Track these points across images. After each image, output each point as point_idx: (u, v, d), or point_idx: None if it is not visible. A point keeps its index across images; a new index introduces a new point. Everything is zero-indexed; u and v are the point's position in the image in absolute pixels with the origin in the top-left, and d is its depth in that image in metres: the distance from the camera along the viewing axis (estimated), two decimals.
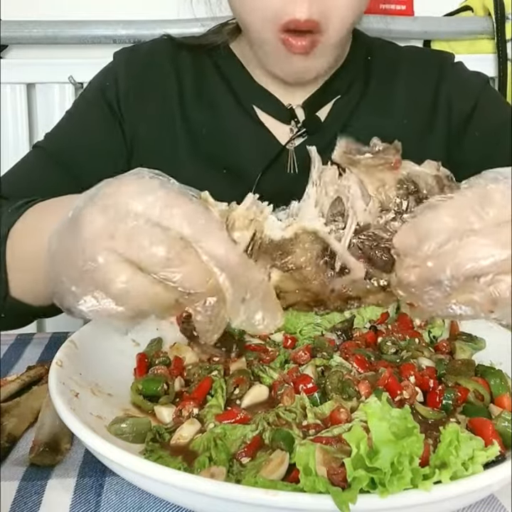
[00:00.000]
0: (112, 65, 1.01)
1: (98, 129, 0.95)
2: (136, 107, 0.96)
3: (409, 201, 0.47)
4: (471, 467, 0.43)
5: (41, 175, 0.91)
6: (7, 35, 1.47)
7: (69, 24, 1.48)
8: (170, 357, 0.67)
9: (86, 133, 0.94)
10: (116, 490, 0.52)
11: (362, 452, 0.42)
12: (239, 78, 0.97)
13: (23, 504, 0.50)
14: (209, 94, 0.97)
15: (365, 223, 0.48)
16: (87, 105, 0.99)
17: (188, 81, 0.97)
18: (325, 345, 0.68)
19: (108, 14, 1.49)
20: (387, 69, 0.99)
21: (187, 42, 1.00)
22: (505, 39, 1.50)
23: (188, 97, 0.96)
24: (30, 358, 0.77)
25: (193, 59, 0.99)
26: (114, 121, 0.95)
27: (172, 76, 0.97)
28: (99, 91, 0.97)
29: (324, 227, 0.48)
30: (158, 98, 0.96)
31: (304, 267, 0.48)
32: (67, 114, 1.01)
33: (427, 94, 0.97)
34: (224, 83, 0.97)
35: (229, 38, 0.99)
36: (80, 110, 0.99)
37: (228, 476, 0.48)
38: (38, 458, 0.55)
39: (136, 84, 0.97)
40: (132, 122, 0.95)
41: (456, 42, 1.54)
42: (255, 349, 0.69)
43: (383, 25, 1.30)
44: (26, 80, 1.51)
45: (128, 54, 1.01)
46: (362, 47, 0.98)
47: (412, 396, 0.58)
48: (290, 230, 0.48)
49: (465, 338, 0.71)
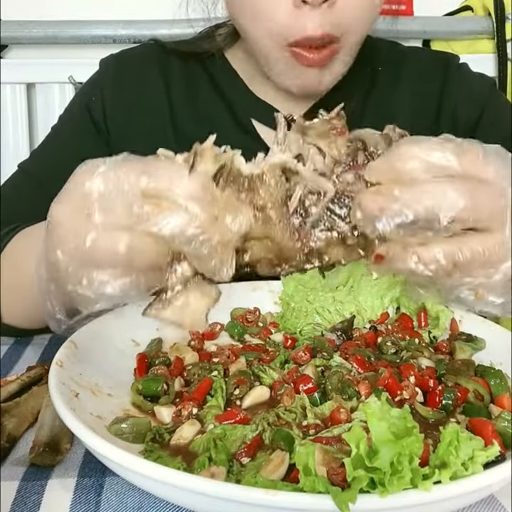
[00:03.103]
0: (98, 76, 0.97)
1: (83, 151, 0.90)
2: (124, 122, 0.92)
3: (358, 155, 0.51)
4: (471, 467, 0.43)
5: (26, 200, 0.89)
6: (7, 35, 1.47)
7: (69, 24, 1.48)
8: (170, 357, 0.67)
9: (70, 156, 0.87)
10: (116, 490, 0.52)
11: (362, 452, 0.42)
12: (235, 89, 0.93)
13: (23, 504, 0.50)
14: (202, 106, 0.93)
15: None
16: (72, 124, 0.95)
17: (178, 91, 0.93)
18: (325, 345, 0.68)
19: (108, 14, 1.49)
20: (390, 75, 0.96)
21: (178, 49, 0.96)
22: (505, 39, 1.50)
23: (180, 109, 0.93)
24: (30, 358, 0.77)
25: (184, 66, 0.95)
26: (100, 140, 0.92)
27: (161, 87, 0.93)
28: (84, 108, 0.94)
29: (292, 159, 0.51)
30: (148, 111, 0.93)
31: (268, 208, 0.51)
32: (52, 132, 0.98)
33: (432, 101, 0.95)
34: (218, 95, 0.93)
35: (224, 46, 0.94)
36: (65, 129, 0.96)
37: (228, 476, 0.48)
38: (38, 458, 0.55)
39: (124, 98, 0.93)
40: (120, 140, 0.92)
41: (456, 42, 1.54)
42: (255, 349, 0.69)
43: (384, 26, 1.30)
44: (26, 79, 1.51)
45: (115, 64, 0.97)
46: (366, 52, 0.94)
47: (412, 396, 0.58)
48: (258, 166, 0.51)
49: (465, 338, 0.71)
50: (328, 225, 0.51)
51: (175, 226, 0.48)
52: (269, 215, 0.51)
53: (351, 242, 0.51)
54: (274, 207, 0.51)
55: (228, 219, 0.50)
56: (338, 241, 0.51)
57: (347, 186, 0.51)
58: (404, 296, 0.77)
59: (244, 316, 0.77)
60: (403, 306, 0.77)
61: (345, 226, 0.51)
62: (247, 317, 0.77)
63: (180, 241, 0.49)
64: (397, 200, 0.47)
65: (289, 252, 0.52)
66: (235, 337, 0.76)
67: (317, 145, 0.52)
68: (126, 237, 0.49)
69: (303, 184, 0.51)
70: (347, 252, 0.52)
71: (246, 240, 0.52)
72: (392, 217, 0.47)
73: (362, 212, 0.49)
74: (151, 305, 0.53)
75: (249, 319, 0.77)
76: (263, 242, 0.52)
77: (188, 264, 0.52)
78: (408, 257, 0.49)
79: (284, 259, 0.53)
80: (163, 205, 0.49)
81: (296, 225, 0.51)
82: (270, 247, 0.52)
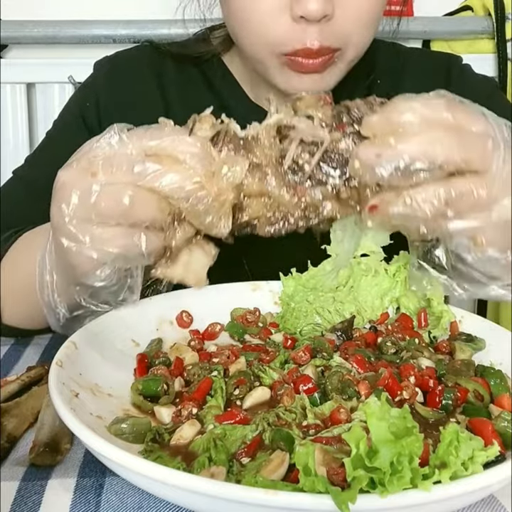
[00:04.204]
0: (92, 80, 0.97)
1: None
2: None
3: (342, 117, 0.55)
4: (471, 467, 0.43)
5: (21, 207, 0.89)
6: (7, 35, 1.47)
7: (69, 24, 1.48)
8: (170, 357, 0.67)
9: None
10: (116, 490, 0.52)
11: (361, 452, 0.42)
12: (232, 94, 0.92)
13: (23, 504, 0.50)
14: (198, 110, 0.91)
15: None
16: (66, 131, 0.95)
17: (173, 94, 0.93)
18: (325, 345, 0.68)
19: (108, 14, 1.49)
20: (392, 78, 0.95)
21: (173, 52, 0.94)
22: (505, 39, 1.50)
23: (175, 111, 0.91)
24: (30, 358, 0.77)
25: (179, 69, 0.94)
26: None
27: (156, 89, 0.93)
28: (78, 115, 0.93)
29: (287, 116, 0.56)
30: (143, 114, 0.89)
31: (264, 165, 0.55)
32: (46, 140, 0.98)
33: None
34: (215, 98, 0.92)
35: (221, 51, 0.93)
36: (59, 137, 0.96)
37: (228, 476, 0.48)
38: (38, 458, 0.55)
39: (118, 100, 0.93)
40: None
41: (456, 42, 1.54)
42: (255, 349, 0.69)
43: (388, 27, 1.29)
44: (26, 79, 1.51)
45: (109, 68, 0.96)
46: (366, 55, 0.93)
47: (412, 396, 0.58)
48: (254, 128, 0.56)
49: (465, 338, 0.71)
50: (322, 180, 0.55)
51: (175, 181, 0.52)
52: (265, 171, 0.55)
53: (345, 195, 0.55)
54: (269, 165, 0.55)
55: (225, 169, 0.54)
56: (332, 195, 0.55)
57: (336, 144, 0.54)
58: (405, 296, 0.77)
59: (244, 316, 0.77)
60: (403, 306, 0.77)
61: (338, 180, 0.54)
62: (247, 317, 0.77)
63: (179, 196, 0.53)
64: (392, 148, 0.50)
65: (287, 208, 0.56)
66: (235, 337, 0.76)
67: (307, 114, 0.56)
68: (129, 192, 0.52)
69: (298, 138, 0.55)
70: (341, 207, 0.56)
71: (245, 196, 0.56)
72: (389, 161, 0.50)
73: (359, 161, 0.52)
74: (158, 266, 0.58)
75: (249, 319, 0.77)
76: (261, 200, 0.56)
77: (188, 225, 0.56)
78: (401, 200, 0.52)
79: (282, 216, 0.56)
80: (164, 162, 0.53)
81: (291, 181, 0.55)
82: (268, 203, 0.56)
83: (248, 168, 0.55)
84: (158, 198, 0.53)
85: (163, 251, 0.56)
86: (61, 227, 0.54)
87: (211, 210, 0.53)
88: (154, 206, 0.53)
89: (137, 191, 0.53)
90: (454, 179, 0.51)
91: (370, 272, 0.77)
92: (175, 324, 0.76)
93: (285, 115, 0.56)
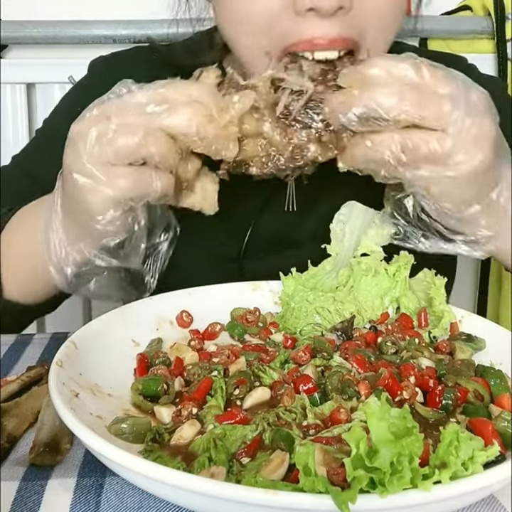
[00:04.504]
0: (85, 81, 0.96)
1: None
2: None
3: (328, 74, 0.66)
4: (471, 467, 0.43)
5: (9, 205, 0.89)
6: (7, 35, 1.47)
7: (69, 24, 1.48)
8: (170, 357, 0.67)
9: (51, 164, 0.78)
10: (116, 490, 0.52)
11: (361, 452, 0.42)
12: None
13: (23, 504, 0.50)
14: None
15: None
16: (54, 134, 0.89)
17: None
18: (325, 345, 0.68)
19: (108, 14, 1.49)
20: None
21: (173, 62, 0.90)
22: (505, 39, 1.50)
23: None
24: (30, 358, 0.77)
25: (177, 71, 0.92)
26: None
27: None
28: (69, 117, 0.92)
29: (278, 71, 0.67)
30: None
31: (262, 108, 0.65)
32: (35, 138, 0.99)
33: None
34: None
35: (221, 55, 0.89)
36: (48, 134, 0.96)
37: (228, 476, 0.48)
38: (38, 458, 0.55)
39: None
40: None
41: (454, 41, 1.54)
42: (255, 349, 0.69)
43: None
44: (26, 79, 1.51)
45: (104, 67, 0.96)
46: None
47: (412, 396, 0.58)
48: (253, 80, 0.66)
49: (465, 338, 0.71)
50: (307, 123, 0.65)
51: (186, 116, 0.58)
52: (263, 113, 0.65)
53: (325, 138, 0.64)
54: (266, 108, 0.65)
55: (235, 98, 0.62)
56: (315, 138, 0.65)
57: (319, 94, 0.65)
58: (405, 296, 0.77)
59: (244, 316, 0.77)
60: (403, 306, 0.77)
61: (320, 124, 0.64)
62: (247, 317, 0.77)
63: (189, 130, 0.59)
64: (355, 97, 0.59)
65: (277, 148, 0.65)
66: (235, 337, 0.76)
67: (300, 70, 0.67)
68: (142, 130, 0.58)
69: (289, 88, 0.65)
70: (322, 149, 0.65)
71: (243, 136, 0.64)
72: (348, 108, 0.58)
73: (328, 108, 0.61)
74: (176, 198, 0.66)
75: (249, 319, 0.77)
76: (256, 141, 0.65)
77: (196, 157, 0.65)
78: (363, 142, 0.60)
79: (273, 156, 0.66)
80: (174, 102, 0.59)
81: (283, 124, 0.65)
82: (262, 144, 0.65)
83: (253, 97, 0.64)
84: (167, 137, 0.59)
85: (172, 190, 0.63)
86: (77, 165, 0.59)
87: (220, 138, 0.61)
88: (164, 143, 0.59)
89: (149, 130, 0.58)
90: (411, 130, 0.58)
91: (370, 271, 0.77)
92: (175, 324, 0.76)
93: (278, 71, 0.66)
